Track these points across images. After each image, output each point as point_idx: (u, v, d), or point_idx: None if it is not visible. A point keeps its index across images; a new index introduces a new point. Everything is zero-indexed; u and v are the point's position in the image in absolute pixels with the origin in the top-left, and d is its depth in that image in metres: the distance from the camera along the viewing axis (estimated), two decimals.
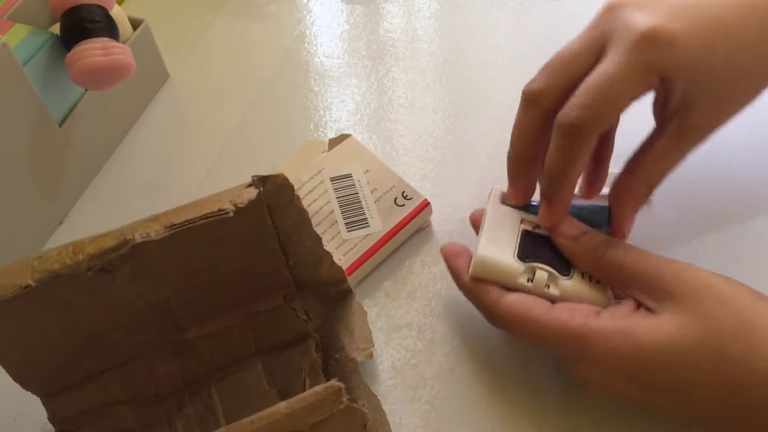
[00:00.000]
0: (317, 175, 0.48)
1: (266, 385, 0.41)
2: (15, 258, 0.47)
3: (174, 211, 0.36)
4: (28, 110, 0.45)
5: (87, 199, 0.52)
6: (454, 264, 0.40)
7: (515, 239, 0.39)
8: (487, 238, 0.39)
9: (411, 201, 0.46)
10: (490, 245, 0.38)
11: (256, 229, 0.38)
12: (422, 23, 0.61)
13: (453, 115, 0.54)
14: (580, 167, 0.37)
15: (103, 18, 0.47)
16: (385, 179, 0.48)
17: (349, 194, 0.47)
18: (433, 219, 0.48)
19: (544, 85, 0.37)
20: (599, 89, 0.35)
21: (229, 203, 0.36)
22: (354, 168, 0.48)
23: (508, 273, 0.37)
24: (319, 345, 0.42)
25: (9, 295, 0.33)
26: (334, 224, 0.46)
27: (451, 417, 0.40)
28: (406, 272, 0.46)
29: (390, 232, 0.45)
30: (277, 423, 0.30)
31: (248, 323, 0.41)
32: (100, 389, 0.38)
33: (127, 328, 0.38)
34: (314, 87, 0.57)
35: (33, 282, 0.33)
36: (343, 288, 0.43)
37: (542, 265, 0.38)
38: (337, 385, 0.31)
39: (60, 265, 0.34)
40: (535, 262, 0.38)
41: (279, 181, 0.37)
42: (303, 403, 0.31)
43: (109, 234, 0.35)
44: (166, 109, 0.56)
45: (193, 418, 0.40)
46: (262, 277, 0.40)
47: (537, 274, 0.37)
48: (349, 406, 0.31)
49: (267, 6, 0.63)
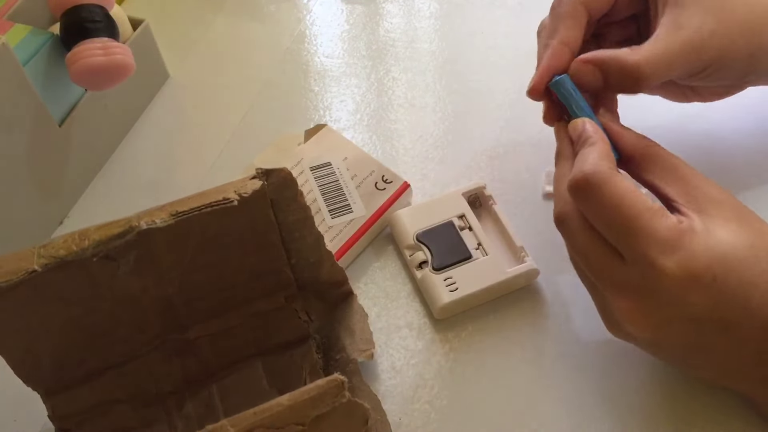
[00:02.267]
0: (297, 166, 0.49)
1: (267, 386, 0.41)
2: None
3: (179, 201, 0.37)
4: (28, 110, 0.45)
5: (87, 199, 0.52)
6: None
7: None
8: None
9: (391, 184, 0.47)
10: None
11: (260, 224, 0.38)
12: (422, 23, 0.61)
13: (453, 115, 0.54)
14: (564, 32, 0.40)
15: (103, 18, 0.47)
16: (364, 165, 0.48)
17: (330, 182, 0.48)
18: None
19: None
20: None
21: (234, 193, 0.36)
22: (332, 156, 0.49)
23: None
24: (320, 346, 0.42)
25: (15, 279, 0.33)
26: (319, 212, 0.46)
27: (451, 417, 0.40)
28: (406, 272, 0.46)
29: (373, 216, 0.46)
30: (280, 415, 0.30)
31: (249, 323, 0.41)
32: (100, 387, 0.38)
33: (129, 326, 0.38)
34: (314, 87, 0.57)
35: (39, 267, 0.34)
36: (344, 290, 0.43)
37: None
38: (340, 379, 0.31)
39: (66, 251, 0.34)
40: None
41: (283, 174, 0.37)
42: (306, 395, 0.31)
43: (116, 222, 0.36)
44: (166, 109, 0.56)
45: (193, 417, 0.40)
46: (264, 276, 0.40)
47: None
48: (351, 400, 0.31)
49: (267, 6, 0.63)
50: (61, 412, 0.38)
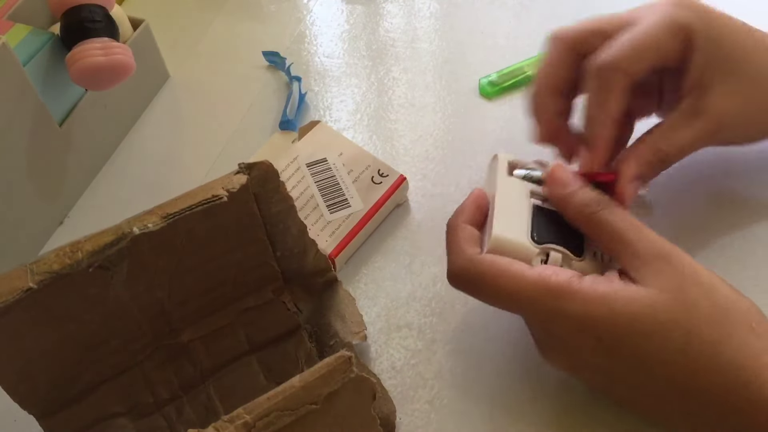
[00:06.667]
0: (293, 163, 0.49)
1: (264, 380, 0.41)
2: (15, 258, 0.47)
3: (168, 203, 0.36)
4: (28, 110, 0.45)
5: (87, 199, 0.52)
6: (466, 204, 0.40)
7: (527, 217, 0.38)
8: (500, 217, 0.38)
9: (387, 178, 0.48)
10: (504, 225, 0.37)
11: (245, 219, 0.38)
12: (422, 23, 0.61)
13: (453, 115, 0.54)
14: (615, 107, 0.39)
15: (103, 18, 0.47)
16: (360, 160, 0.49)
17: (326, 177, 0.48)
18: (434, 220, 0.48)
19: (571, 28, 0.41)
20: (632, 39, 0.38)
21: (222, 189, 0.36)
22: (328, 152, 0.49)
23: (523, 255, 0.37)
24: (312, 335, 0.42)
25: (11, 300, 0.33)
26: (317, 208, 0.46)
27: (451, 417, 0.40)
28: (406, 272, 0.46)
29: (371, 210, 0.47)
30: (293, 396, 0.30)
31: (240, 321, 0.41)
32: (96, 403, 0.38)
33: (122, 336, 0.38)
34: (314, 87, 0.57)
35: (34, 284, 0.33)
36: (328, 277, 0.43)
37: (556, 246, 0.37)
38: (347, 354, 0.31)
39: (59, 264, 0.34)
40: (549, 243, 0.37)
41: (264, 167, 0.37)
42: (316, 374, 0.31)
43: (107, 231, 0.35)
44: (166, 109, 0.56)
45: (194, 422, 0.40)
46: (251, 271, 0.40)
47: (551, 256, 0.37)
48: (359, 375, 0.32)
49: (267, 6, 0.63)
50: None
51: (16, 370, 0.35)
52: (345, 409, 0.32)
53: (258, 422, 0.30)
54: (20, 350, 0.35)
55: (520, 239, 0.37)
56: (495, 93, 0.54)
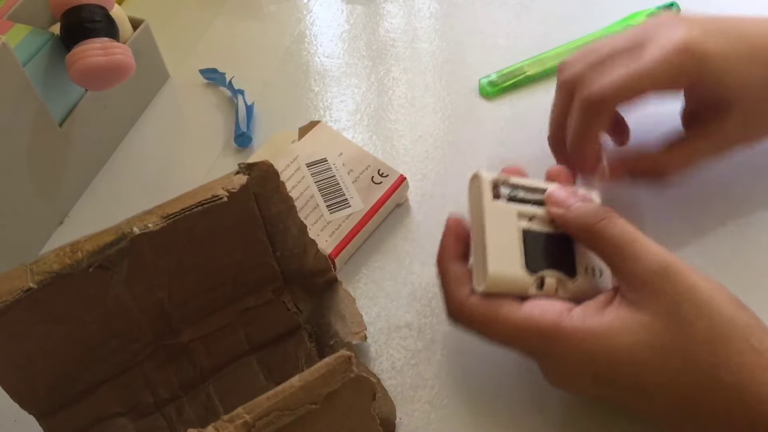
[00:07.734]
0: (293, 163, 0.49)
1: (264, 380, 0.41)
2: (15, 257, 0.47)
3: (168, 203, 0.36)
4: (28, 110, 0.45)
5: (87, 199, 0.52)
6: (447, 241, 0.39)
7: (519, 245, 0.37)
8: (492, 250, 0.37)
9: (387, 178, 0.48)
10: (498, 259, 0.37)
11: (245, 219, 0.38)
12: (422, 23, 0.61)
13: (453, 115, 0.54)
14: (597, 133, 0.41)
15: (103, 18, 0.47)
16: (360, 160, 0.49)
17: (326, 177, 0.48)
18: (434, 220, 0.48)
19: (578, 72, 0.42)
20: (629, 75, 0.39)
21: (222, 189, 0.36)
22: (328, 152, 0.49)
23: (519, 286, 0.37)
24: (312, 335, 0.42)
25: (11, 300, 0.33)
26: (317, 208, 0.47)
27: (451, 417, 0.40)
28: (406, 272, 0.46)
29: (371, 210, 0.47)
30: (293, 396, 0.30)
31: (239, 321, 0.41)
32: (97, 403, 0.38)
33: (122, 336, 0.38)
34: (314, 87, 0.57)
35: (34, 284, 0.33)
36: (328, 277, 0.43)
37: (550, 271, 0.37)
38: (347, 354, 0.31)
39: (60, 264, 0.34)
40: (543, 270, 0.37)
41: (264, 167, 0.37)
42: (316, 374, 0.31)
43: (107, 230, 0.35)
44: (166, 109, 0.56)
45: (194, 422, 0.40)
46: (251, 271, 0.40)
47: (546, 282, 0.37)
48: (359, 374, 0.32)
49: (267, 6, 0.63)
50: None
51: (16, 370, 0.35)
52: (345, 409, 0.32)
53: (258, 422, 0.30)
54: (20, 350, 0.35)
55: (516, 272, 0.37)
56: (495, 93, 0.54)
